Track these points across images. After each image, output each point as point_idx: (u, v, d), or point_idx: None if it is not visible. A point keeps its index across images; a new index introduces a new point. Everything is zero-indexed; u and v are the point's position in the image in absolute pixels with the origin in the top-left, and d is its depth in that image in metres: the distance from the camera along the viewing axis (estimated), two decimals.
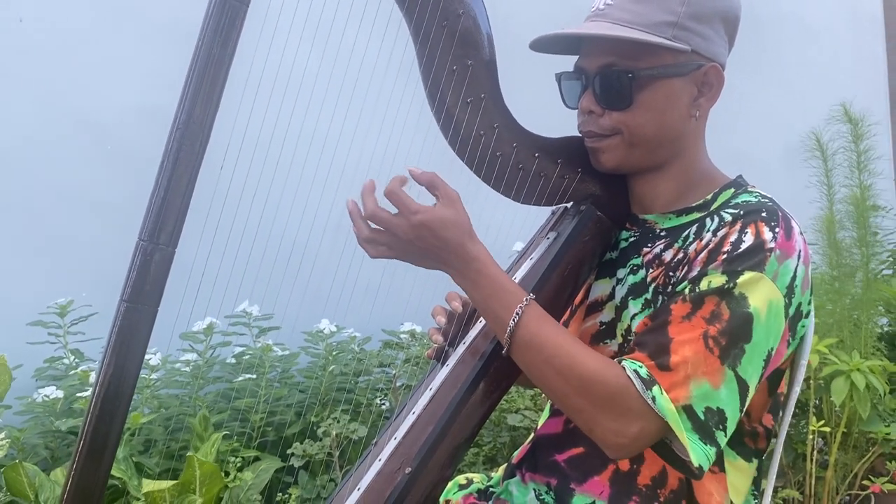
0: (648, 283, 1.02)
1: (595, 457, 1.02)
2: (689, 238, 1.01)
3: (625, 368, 0.91)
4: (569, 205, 1.13)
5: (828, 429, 2.52)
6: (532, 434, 1.17)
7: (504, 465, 1.23)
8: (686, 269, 0.96)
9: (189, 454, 1.77)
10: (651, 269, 1.03)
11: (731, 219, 0.96)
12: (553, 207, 1.16)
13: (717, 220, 0.98)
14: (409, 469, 0.95)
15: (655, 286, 1.01)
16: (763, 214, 0.95)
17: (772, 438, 1.08)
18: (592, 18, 1.03)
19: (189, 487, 1.74)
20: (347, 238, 0.99)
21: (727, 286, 0.91)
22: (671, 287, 0.98)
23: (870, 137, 3.08)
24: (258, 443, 2.19)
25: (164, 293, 0.85)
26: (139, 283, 0.83)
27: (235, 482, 1.92)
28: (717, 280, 0.92)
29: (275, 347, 2.34)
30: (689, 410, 0.89)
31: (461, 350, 1.06)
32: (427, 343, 2.38)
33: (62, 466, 1.89)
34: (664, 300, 0.98)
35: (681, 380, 0.89)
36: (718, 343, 0.90)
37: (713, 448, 0.90)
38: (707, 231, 0.98)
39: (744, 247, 0.92)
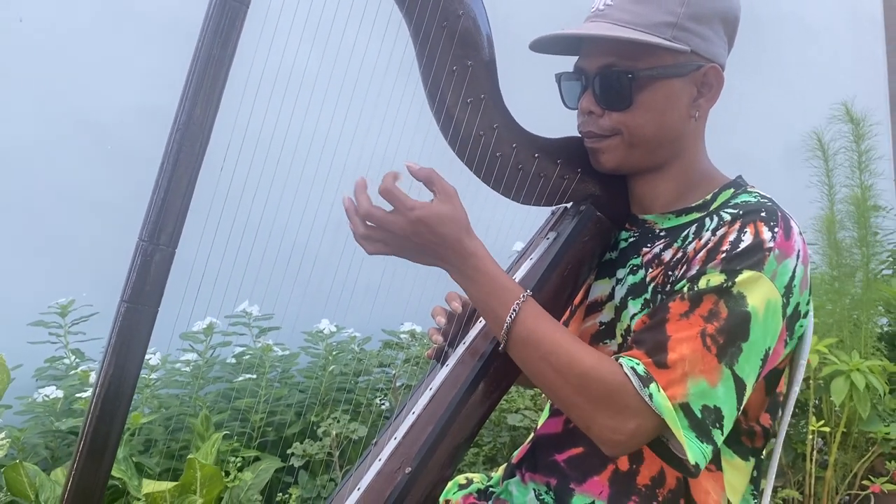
0: (648, 283, 1.02)
1: (595, 457, 1.02)
2: (689, 238, 1.01)
3: (622, 365, 0.91)
4: (568, 205, 1.14)
5: (827, 429, 2.52)
6: (532, 434, 1.18)
7: (504, 465, 1.23)
8: (685, 268, 0.96)
9: (190, 457, 1.76)
10: (650, 269, 1.03)
11: (731, 218, 0.96)
12: (553, 208, 1.16)
13: (717, 220, 0.98)
14: (409, 469, 0.95)
15: (654, 286, 1.01)
16: (762, 214, 0.95)
17: (770, 438, 1.08)
18: (592, 19, 1.03)
19: (189, 488, 1.74)
20: (347, 238, 0.99)
21: (726, 285, 0.91)
22: (670, 286, 0.98)
23: (871, 137, 3.08)
24: (258, 443, 2.19)
25: (164, 293, 0.85)
26: (139, 284, 0.83)
27: (235, 482, 1.92)
28: (716, 279, 0.92)
29: (275, 347, 2.34)
30: (686, 408, 0.89)
31: (461, 350, 1.06)
32: (427, 343, 2.38)
33: (62, 466, 1.89)
34: (663, 298, 0.98)
35: (678, 377, 0.89)
36: (716, 341, 0.90)
37: (710, 446, 0.90)
38: (706, 230, 0.98)
39: (743, 246, 0.92)
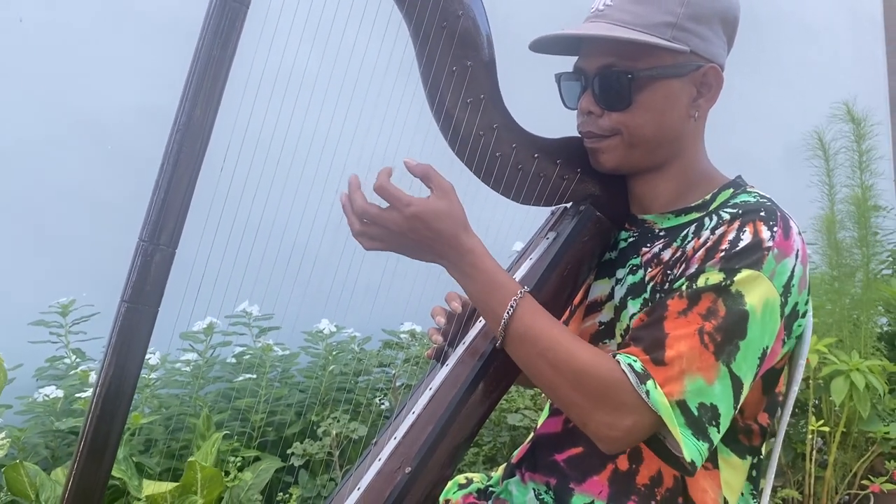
0: (647, 283, 1.02)
1: (594, 456, 1.02)
2: (688, 237, 1.01)
3: (619, 362, 0.92)
4: (568, 205, 1.14)
5: (827, 428, 2.52)
6: (532, 434, 1.18)
7: (504, 465, 1.23)
8: (684, 267, 0.97)
9: (191, 459, 1.76)
10: (649, 269, 1.03)
11: (730, 217, 0.96)
12: (552, 208, 1.16)
13: (716, 219, 0.99)
14: (409, 468, 0.95)
15: (653, 285, 1.01)
16: (761, 214, 0.95)
17: (768, 437, 1.08)
18: (592, 19, 1.03)
19: (190, 489, 1.74)
20: (347, 238, 0.99)
21: (724, 283, 0.91)
22: (668, 284, 0.98)
23: (872, 137, 3.08)
24: (258, 442, 2.19)
25: (165, 293, 0.85)
26: (139, 284, 0.83)
27: (235, 482, 1.92)
28: (715, 277, 0.92)
29: (275, 347, 2.34)
30: (683, 405, 0.89)
31: (461, 350, 1.06)
32: (427, 343, 2.38)
33: (63, 466, 1.89)
34: (661, 297, 0.98)
35: (675, 375, 0.89)
36: (714, 339, 0.90)
37: (706, 444, 0.90)
38: (705, 230, 0.99)
39: (742, 245, 0.93)
